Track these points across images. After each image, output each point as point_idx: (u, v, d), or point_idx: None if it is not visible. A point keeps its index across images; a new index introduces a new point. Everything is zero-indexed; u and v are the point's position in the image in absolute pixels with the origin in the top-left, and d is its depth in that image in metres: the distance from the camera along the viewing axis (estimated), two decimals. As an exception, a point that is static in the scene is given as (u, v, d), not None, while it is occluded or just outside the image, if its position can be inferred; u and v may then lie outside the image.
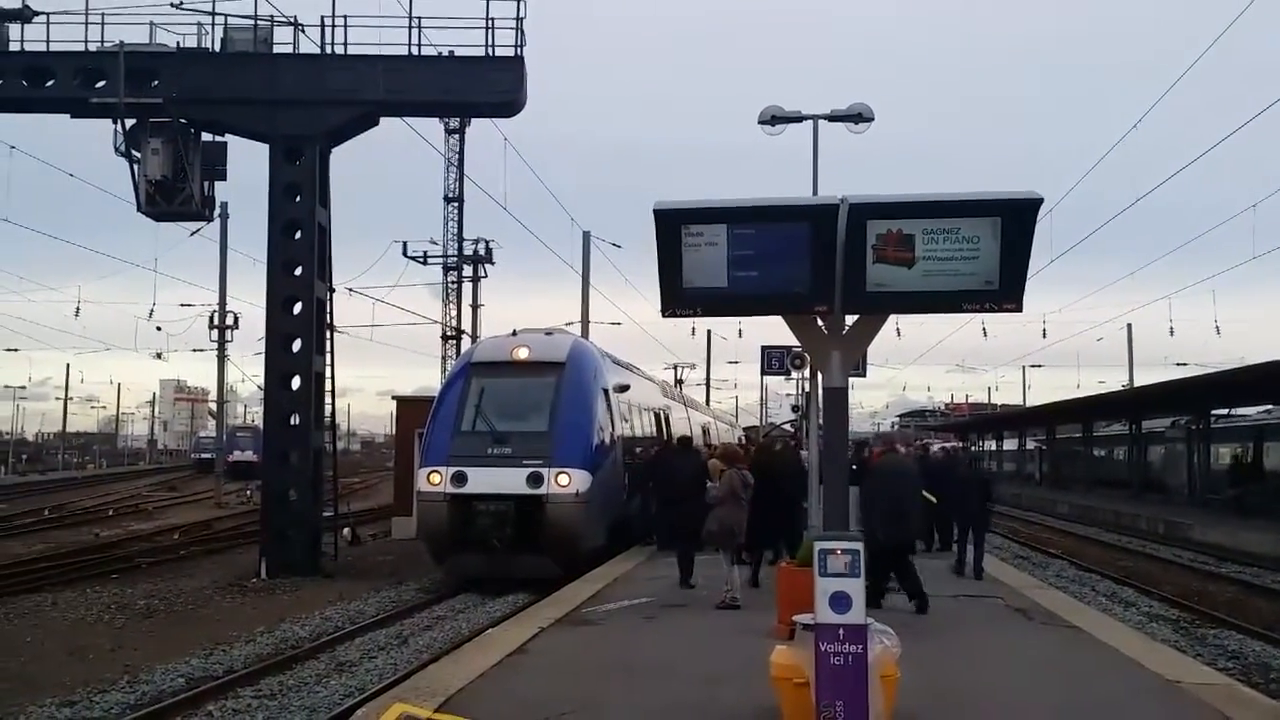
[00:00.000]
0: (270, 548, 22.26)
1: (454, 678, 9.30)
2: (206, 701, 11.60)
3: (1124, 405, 48.63)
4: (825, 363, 7.33)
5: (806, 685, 6.62)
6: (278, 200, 23.01)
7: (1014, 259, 6.65)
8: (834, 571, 6.33)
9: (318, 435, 23.37)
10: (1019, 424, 73.75)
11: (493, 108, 24.24)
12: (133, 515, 39.31)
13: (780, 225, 6.89)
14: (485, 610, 17.60)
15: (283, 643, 15.18)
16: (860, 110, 19.13)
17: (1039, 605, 14.02)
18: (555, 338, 22.61)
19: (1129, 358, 61.72)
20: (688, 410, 37.01)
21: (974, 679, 9.48)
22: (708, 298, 6.95)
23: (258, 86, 22.81)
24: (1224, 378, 32.86)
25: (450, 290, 49.65)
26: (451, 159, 48.30)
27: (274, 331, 23.24)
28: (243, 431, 69.18)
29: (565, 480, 19.12)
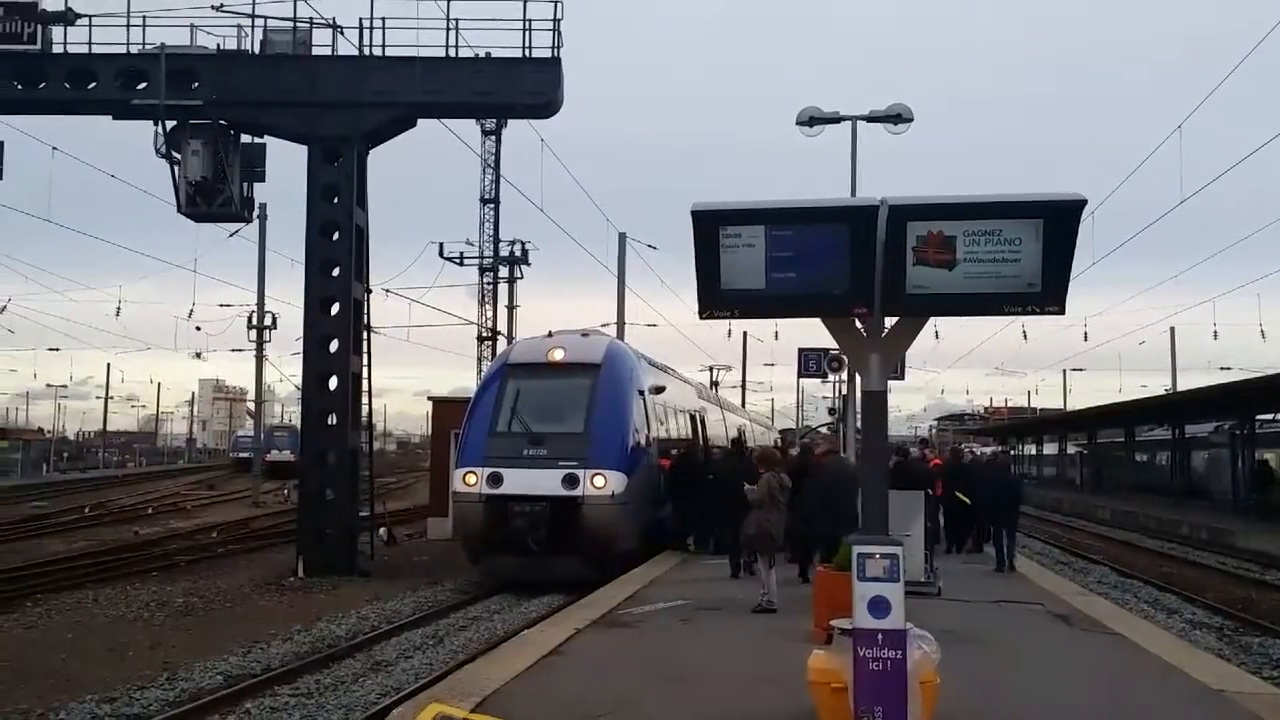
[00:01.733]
0: (307, 547, 22.37)
1: (490, 678, 9.30)
2: (245, 699, 11.66)
3: (1166, 410, 48.09)
4: (864, 365, 7.27)
5: (844, 690, 6.56)
6: (316, 201, 23.12)
7: (1057, 261, 6.56)
8: (872, 576, 6.27)
9: (354, 435, 23.46)
10: (1059, 428, 73.14)
11: (529, 109, 24.27)
12: (172, 513, 39.65)
13: (819, 227, 6.83)
14: (521, 611, 17.61)
15: (320, 641, 15.24)
16: (900, 111, 19.03)
17: (1080, 612, 13.87)
18: (591, 339, 22.61)
19: (1172, 361, 61.19)
20: (723, 412, 36.95)
21: (1015, 686, 9.38)
22: (746, 299, 6.89)
23: (297, 88, 22.94)
24: (1269, 382, 32.41)
25: (486, 291, 49.87)
26: (488, 160, 48.51)
27: (312, 332, 23.35)
28: (280, 431, 69.60)
29: (601, 482, 19.11)
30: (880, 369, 7.22)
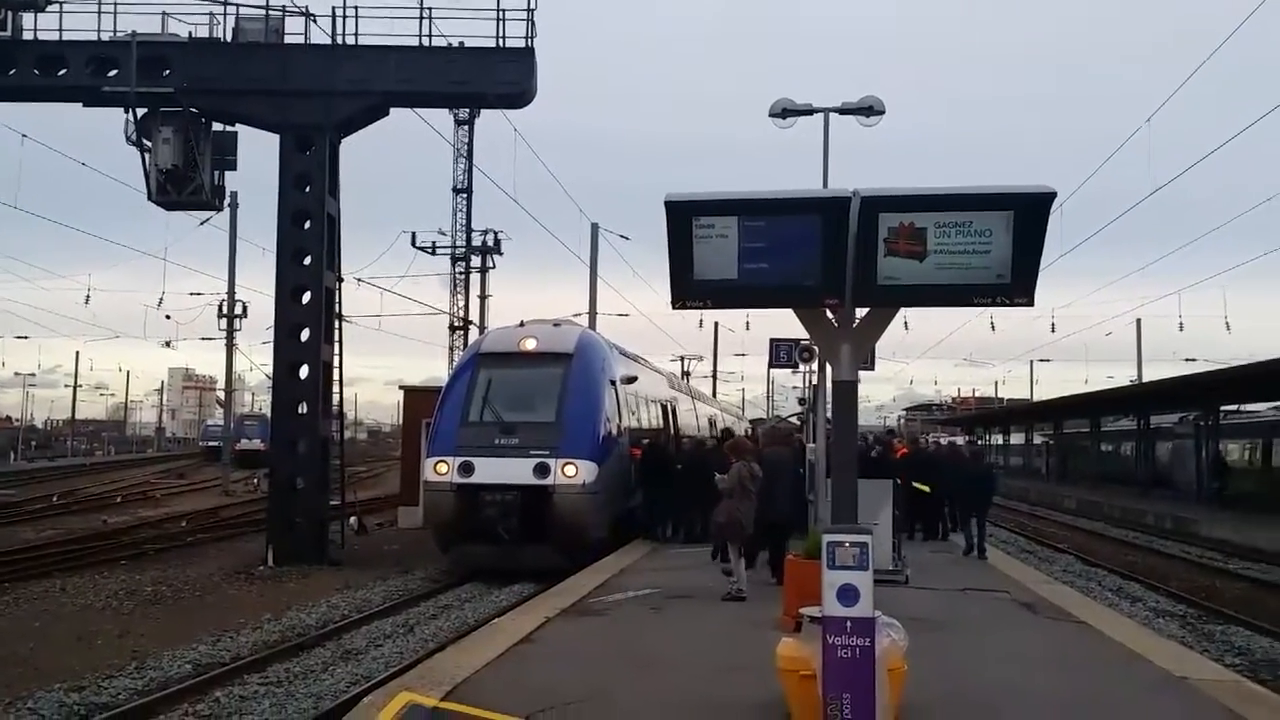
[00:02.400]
0: (277, 536, 22.29)
1: (460, 666, 9.32)
2: (214, 688, 11.63)
3: (1132, 400, 48.56)
4: (835, 356, 7.32)
5: (813, 678, 6.62)
6: (288, 190, 23.00)
7: (1026, 253, 6.63)
8: (842, 564, 6.32)
9: (325, 424, 23.39)
10: (1026, 418, 73.67)
11: (502, 99, 24.23)
12: (141, 502, 39.37)
13: (791, 218, 6.87)
14: (491, 600, 17.64)
15: (290, 630, 15.20)
16: (871, 103, 19.07)
17: (1046, 600, 14.02)
18: (563, 329, 22.63)
19: (1138, 353, 61.70)
20: (694, 402, 37.01)
21: (981, 673, 9.48)
22: (718, 290, 6.93)
23: (269, 77, 22.79)
24: (1233, 374, 32.79)
25: (458, 281, 49.77)
26: (461, 150, 48.37)
27: (283, 321, 23.25)
28: (250, 420, 69.18)
29: (572, 471, 19.16)
30: (851, 359, 7.28)
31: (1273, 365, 28.27)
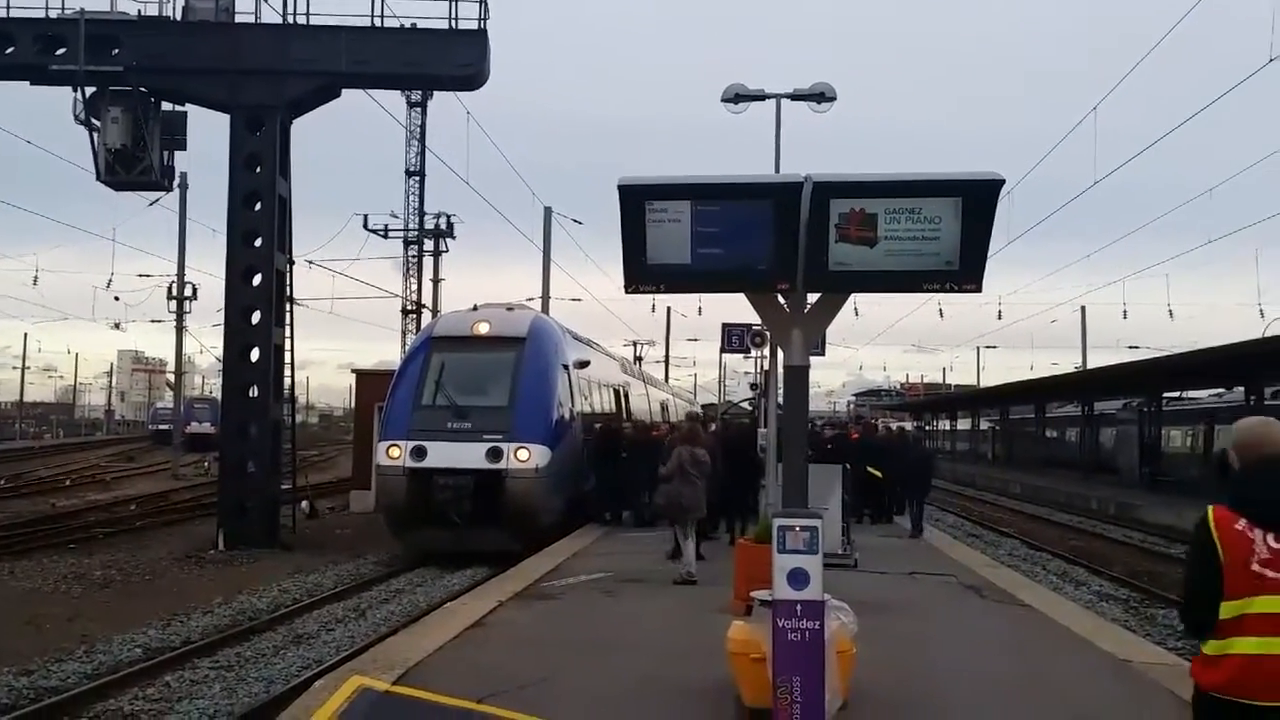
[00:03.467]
0: (228, 519, 22.14)
1: (412, 650, 9.31)
2: (164, 672, 11.56)
3: (1077, 387, 49.20)
4: (786, 341, 7.38)
5: (763, 660, 6.68)
6: (238, 171, 22.78)
7: (975, 240, 6.69)
8: (792, 548, 6.36)
9: (276, 408, 23.24)
10: (973, 404, 74.42)
11: (455, 81, 24.11)
12: (90, 485, 38.88)
13: (744, 203, 6.90)
14: (444, 584, 17.62)
15: (240, 614, 15.12)
16: (823, 90, 19.18)
17: (992, 584, 14.22)
18: (516, 313, 22.60)
19: (1082, 340, 62.30)
20: (647, 387, 37.11)
21: (928, 656, 9.60)
22: (671, 274, 6.95)
23: (219, 56, 22.51)
24: (1176, 361, 33.32)
25: (411, 264, 49.49)
26: (413, 132, 48.03)
27: (233, 303, 23.05)
28: (200, 403, 68.46)
29: (525, 455, 19.17)
30: (802, 344, 7.33)
31: (1213, 353, 28.75)
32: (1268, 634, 4.03)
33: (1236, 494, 4.23)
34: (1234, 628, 4.08)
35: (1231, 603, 4.07)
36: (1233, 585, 4.06)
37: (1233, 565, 4.07)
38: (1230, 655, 4.09)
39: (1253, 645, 4.04)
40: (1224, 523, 4.13)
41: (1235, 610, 4.07)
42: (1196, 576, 4.24)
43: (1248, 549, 4.07)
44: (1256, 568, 4.05)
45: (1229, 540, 4.10)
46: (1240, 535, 4.09)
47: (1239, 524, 4.11)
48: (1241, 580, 4.05)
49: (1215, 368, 32.42)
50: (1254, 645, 4.04)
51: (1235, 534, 4.10)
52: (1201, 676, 4.24)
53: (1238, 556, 4.07)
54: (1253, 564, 4.05)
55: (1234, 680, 4.07)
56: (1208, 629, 4.17)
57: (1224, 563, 4.08)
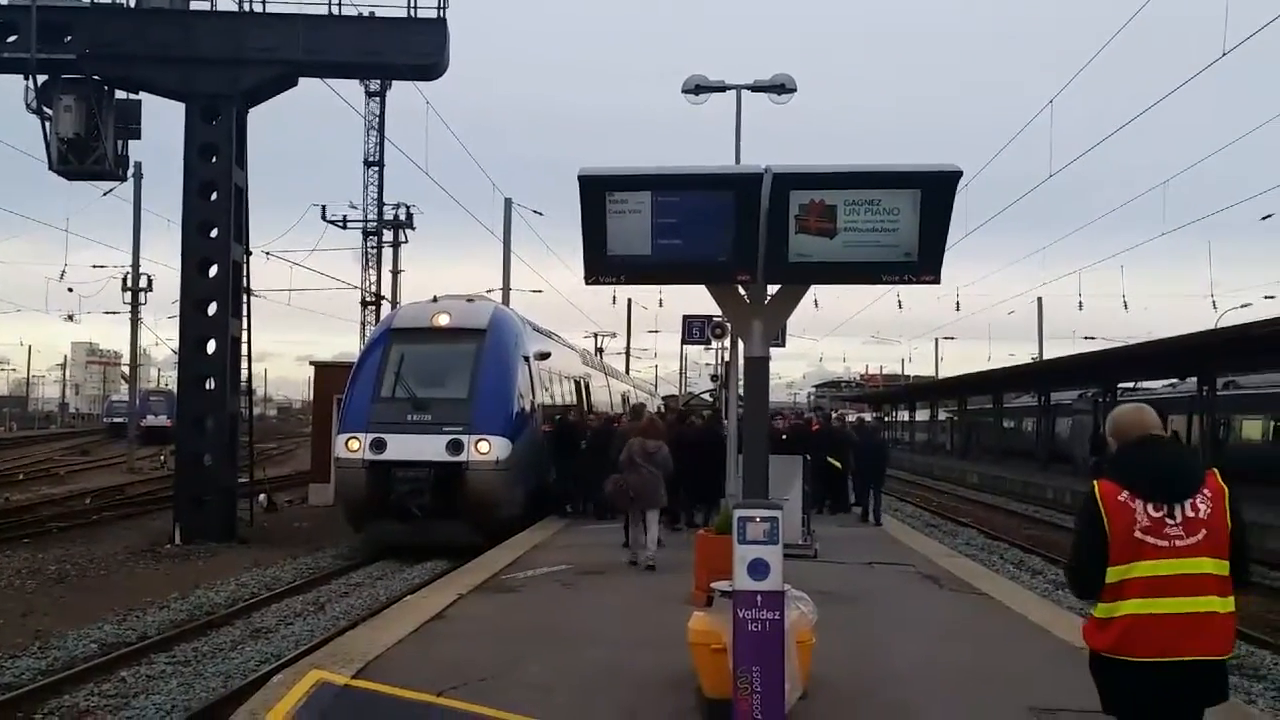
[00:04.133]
0: (184, 513, 21.94)
1: (372, 644, 9.27)
2: (120, 668, 11.46)
3: (1033, 378, 49.64)
4: (747, 332, 7.37)
5: (723, 651, 6.70)
6: (194, 160, 22.54)
7: (933, 231, 6.71)
8: (752, 539, 6.38)
9: (233, 400, 23.05)
10: (931, 395, 74.94)
11: (414, 70, 23.95)
12: (44, 479, 38.44)
13: (704, 194, 6.88)
14: (403, 577, 17.56)
15: (197, 609, 15.01)
16: (783, 81, 19.23)
17: (949, 573, 14.33)
18: (476, 304, 22.52)
19: (1039, 331, 62.94)
20: (608, 379, 37.14)
21: (887, 645, 9.67)
22: (631, 265, 6.92)
23: (174, 44, 22.26)
24: (1130, 352, 33.69)
25: (370, 255, 49.17)
26: (372, 122, 47.70)
27: (189, 294, 22.82)
28: (156, 396, 67.87)
29: (485, 447, 19.12)
30: (762, 336, 7.33)
31: (1167, 344, 29.11)
32: (1149, 595, 4.46)
33: (1119, 470, 4.71)
34: (1119, 591, 4.52)
35: (1117, 568, 4.52)
36: (1118, 552, 4.52)
37: (1117, 533, 4.53)
38: (1117, 617, 4.53)
39: (1136, 606, 4.48)
40: (1109, 495, 4.61)
41: (1120, 575, 4.52)
42: (1085, 545, 4.68)
43: (1130, 518, 4.53)
44: (1138, 535, 4.51)
45: (1114, 511, 4.56)
46: (1123, 506, 4.55)
47: (1122, 496, 4.58)
48: (1125, 547, 4.51)
49: (1169, 358, 32.83)
50: (1137, 606, 4.48)
51: (1119, 505, 4.56)
52: (1093, 639, 4.69)
53: (1122, 525, 4.53)
54: (1135, 532, 4.51)
55: (1121, 640, 4.52)
56: (1095, 593, 4.63)
57: (1109, 531, 4.54)
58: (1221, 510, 4.55)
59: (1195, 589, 4.48)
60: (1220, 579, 4.52)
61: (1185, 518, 4.51)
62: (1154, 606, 4.47)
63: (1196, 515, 4.51)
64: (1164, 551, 4.48)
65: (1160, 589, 4.47)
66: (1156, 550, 4.49)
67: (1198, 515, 4.51)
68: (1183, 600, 4.47)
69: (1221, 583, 4.52)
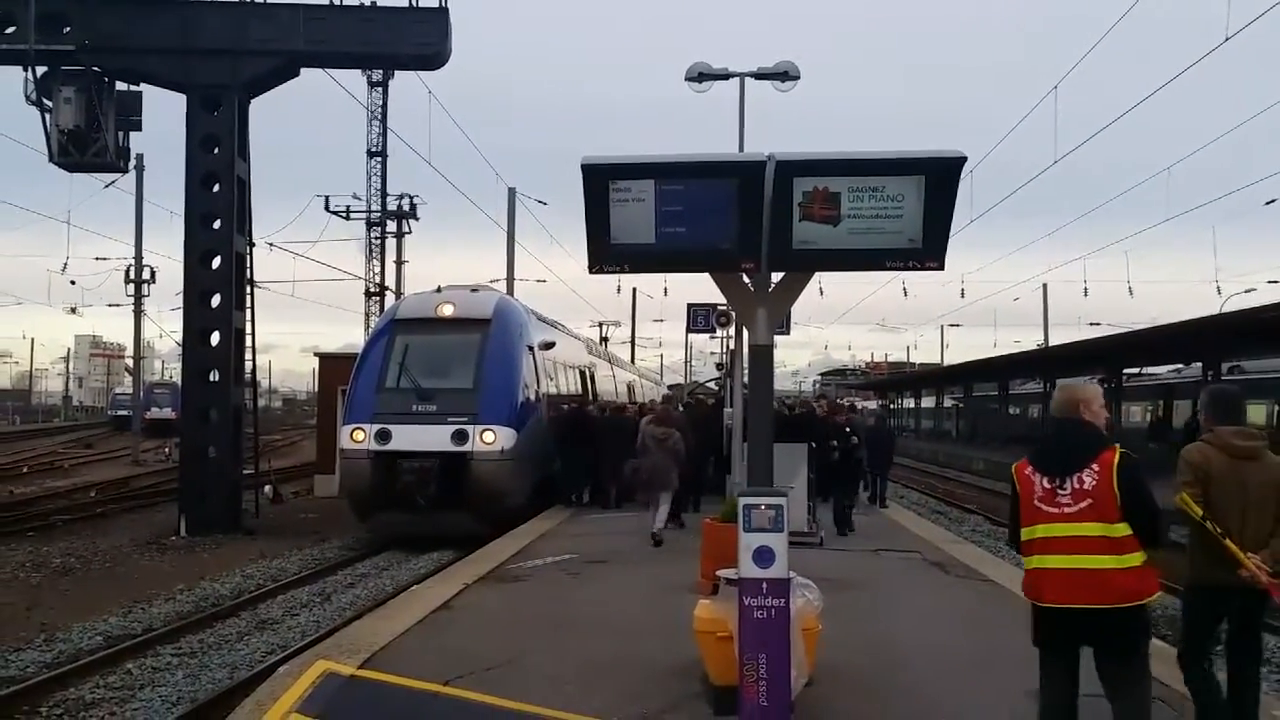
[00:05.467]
0: (189, 505, 21.96)
1: (378, 634, 9.28)
2: (126, 660, 11.48)
3: (1038, 364, 49.57)
4: (751, 320, 7.35)
5: (729, 638, 6.70)
6: (195, 152, 22.52)
7: (937, 218, 6.68)
8: (758, 526, 6.38)
9: (238, 392, 23.06)
10: (937, 382, 74.88)
11: (416, 60, 23.90)
12: (48, 472, 38.52)
13: (708, 181, 6.86)
14: (409, 567, 17.58)
15: (203, 601, 15.03)
16: (786, 69, 19.15)
17: (956, 560, 14.33)
18: (480, 294, 22.50)
19: (1044, 317, 62.88)
20: (613, 368, 37.10)
21: (894, 632, 9.67)
22: (635, 254, 6.90)
23: (175, 34, 22.22)
24: (1135, 338, 33.63)
25: (373, 246, 49.18)
26: (374, 112, 47.69)
27: (192, 286, 22.82)
28: (160, 388, 67.95)
29: (490, 437, 19.12)
30: (767, 324, 7.32)
31: (1172, 329, 29.05)
32: (1045, 552, 5.47)
33: (1034, 447, 5.80)
34: (1029, 548, 5.59)
35: (1025, 529, 5.59)
36: (1025, 516, 5.60)
37: (1024, 501, 5.60)
38: (1030, 569, 5.60)
39: (1038, 561, 5.52)
40: (1020, 470, 5.67)
41: (1028, 535, 5.59)
42: (1011, 511, 5.80)
43: (1031, 489, 5.56)
44: (1036, 503, 5.52)
45: (1022, 482, 5.63)
46: (1028, 479, 5.60)
47: (1028, 470, 5.61)
48: (1029, 512, 5.57)
49: (1173, 344, 32.77)
50: (1038, 561, 5.51)
51: (1025, 478, 5.62)
52: (1023, 585, 5.73)
53: (1027, 494, 5.59)
54: (1035, 500, 5.53)
55: (1031, 587, 5.59)
56: (1018, 549, 5.71)
57: (1020, 499, 5.63)
58: (1108, 481, 5.38)
59: (1080, 548, 5.36)
60: (1110, 540, 5.34)
61: (1073, 489, 5.41)
62: (1048, 562, 5.46)
63: (1082, 487, 5.40)
64: (1054, 517, 5.44)
65: (1052, 547, 5.44)
66: (1049, 515, 5.46)
67: (1083, 487, 5.40)
68: (1069, 558, 5.38)
69: (1111, 543, 5.34)
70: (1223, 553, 5.76)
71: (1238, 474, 5.92)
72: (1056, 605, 5.42)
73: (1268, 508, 5.90)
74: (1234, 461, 5.95)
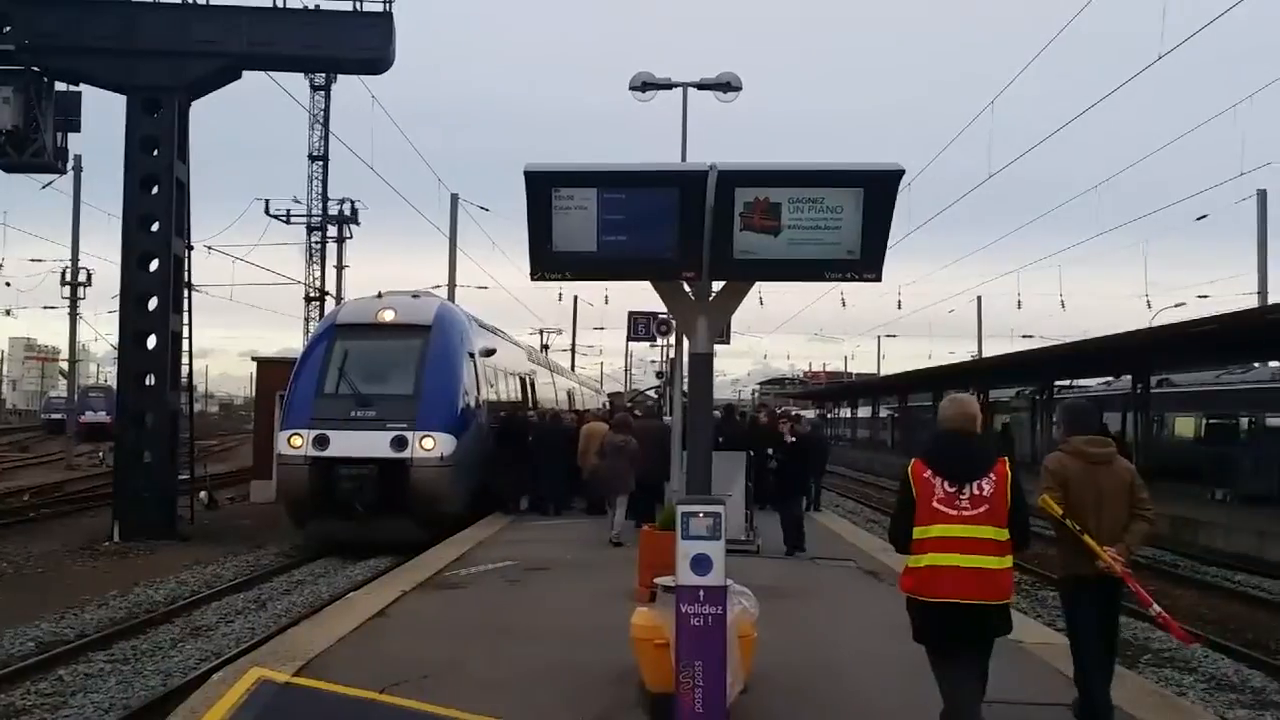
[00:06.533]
0: (123, 510, 21.65)
1: (313, 641, 9.22)
2: (58, 666, 11.31)
3: (972, 375, 50.15)
4: (691, 329, 7.43)
5: (666, 646, 6.74)
6: (135, 153, 22.23)
7: (875, 230, 6.80)
8: (695, 534, 6.43)
9: (174, 396, 22.79)
10: (873, 392, 75.45)
11: (359, 64, 23.79)
12: (-22, 476, 37.75)
13: (650, 190, 6.92)
14: (346, 574, 17.45)
15: (136, 607, 14.84)
16: (729, 79, 19.31)
17: (889, 568, 14.42)
18: (421, 300, 22.41)
19: (978, 329, 63.63)
20: (553, 375, 37.08)
21: (828, 639, 9.77)
22: (577, 262, 6.95)
23: (115, 35, 21.93)
24: (1067, 350, 34.13)
25: (314, 250, 48.80)
26: (317, 116, 47.32)
27: (129, 289, 22.52)
28: (95, 392, 66.84)
29: (430, 444, 19.04)
30: (707, 332, 7.39)
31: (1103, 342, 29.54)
32: (941, 551, 5.71)
33: (927, 452, 6.00)
34: (921, 546, 5.79)
35: (919, 528, 5.80)
36: (920, 516, 5.80)
37: (921, 502, 5.80)
38: (920, 566, 5.80)
39: (931, 559, 5.74)
40: (918, 471, 5.88)
41: (921, 534, 5.79)
42: (900, 509, 5.99)
43: (931, 491, 5.79)
44: (935, 505, 5.77)
45: (920, 484, 5.84)
46: (927, 481, 5.82)
47: (927, 473, 5.84)
48: (926, 513, 5.78)
49: (1104, 356, 33.30)
50: (932, 559, 5.74)
51: (924, 480, 5.83)
52: (903, 582, 5.98)
53: (924, 495, 5.80)
54: (934, 502, 5.77)
55: (921, 583, 5.80)
56: (905, 547, 5.90)
57: (916, 499, 5.83)
58: (1003, 491, 5.78)
59: (975, 549, 5.70)
60: (998, 543, 5.74)
61: (973, 495, 5.74)
62: (944, 560, 5.71)
63: (981, 493, 5.75)
64: (953, 519, 5.72)
65: (949, 547, 5.71)
66: (947, 517, 5.72)
67: (982, 494, 5.75)
68: (965, 557, 5.69)
69: (999, 546, 5.75)
70: (1082, 547, 6.56)
71: (1091, 478, 6.69)
72: (950, 600, 5.72)
73: (1119, 506, 6.68)
74: (1088, 466, 6.73)
